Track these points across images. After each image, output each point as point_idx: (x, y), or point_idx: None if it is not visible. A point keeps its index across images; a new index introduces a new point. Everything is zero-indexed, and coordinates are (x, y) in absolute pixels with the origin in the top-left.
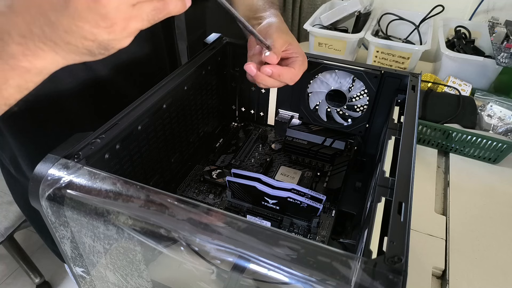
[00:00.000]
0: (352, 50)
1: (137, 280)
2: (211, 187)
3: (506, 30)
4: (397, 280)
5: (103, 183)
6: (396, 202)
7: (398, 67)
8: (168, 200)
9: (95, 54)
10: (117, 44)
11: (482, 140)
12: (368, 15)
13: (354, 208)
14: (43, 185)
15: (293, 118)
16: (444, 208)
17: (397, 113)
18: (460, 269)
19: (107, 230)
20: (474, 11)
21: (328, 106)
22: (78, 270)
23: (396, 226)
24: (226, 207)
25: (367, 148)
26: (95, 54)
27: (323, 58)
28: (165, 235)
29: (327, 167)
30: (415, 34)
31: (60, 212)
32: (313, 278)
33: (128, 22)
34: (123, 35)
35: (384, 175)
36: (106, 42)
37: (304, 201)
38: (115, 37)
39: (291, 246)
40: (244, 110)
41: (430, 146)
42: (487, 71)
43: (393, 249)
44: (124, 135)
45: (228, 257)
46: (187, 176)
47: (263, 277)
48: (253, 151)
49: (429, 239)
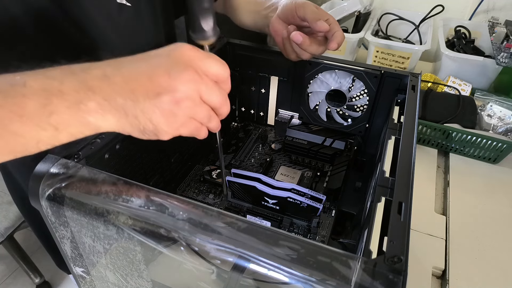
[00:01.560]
0: (352, 50)
1: (137, 280)
2: (211, 187)
3: (506, 30)
4: (397, 280)
5: (103, 183)
6: (396, 202)
7: (398, 67)
8: (168, 200)
9: (144, 134)
10: (164, 136)
11: (482, 140)
12: (368, 15)
13: (354, 208)
14: (43, 185)
15: (293, 118)
16: (444, 208)
17: (397, 113)
18: (460, 269)
19: (107, 230)
20: (474, 11)
21: (328, 106)
22: (78, 270)
23: (396, 226)
24: (226, 207)
25: (367, 148)
26: (144, 134)
27: (323, 58)
28: (165, 235)
29: (327, 167)
30: (415, 34)
31: (60, 212)
32: (313, 278)
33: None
34: (172, 131)
35: (384, 175)
36: (160, 131)
37: (304, 201)
38: (168, 130)
39: (291, 246)
40: (244, 110)
41: (430, 146)
42: (487, 71)
43: (393, 249)
44: (124, 135)
45: (228, 257)
46: (187, 176)
47: (263, 277)
48: (253, 151)
49: (429, 239)
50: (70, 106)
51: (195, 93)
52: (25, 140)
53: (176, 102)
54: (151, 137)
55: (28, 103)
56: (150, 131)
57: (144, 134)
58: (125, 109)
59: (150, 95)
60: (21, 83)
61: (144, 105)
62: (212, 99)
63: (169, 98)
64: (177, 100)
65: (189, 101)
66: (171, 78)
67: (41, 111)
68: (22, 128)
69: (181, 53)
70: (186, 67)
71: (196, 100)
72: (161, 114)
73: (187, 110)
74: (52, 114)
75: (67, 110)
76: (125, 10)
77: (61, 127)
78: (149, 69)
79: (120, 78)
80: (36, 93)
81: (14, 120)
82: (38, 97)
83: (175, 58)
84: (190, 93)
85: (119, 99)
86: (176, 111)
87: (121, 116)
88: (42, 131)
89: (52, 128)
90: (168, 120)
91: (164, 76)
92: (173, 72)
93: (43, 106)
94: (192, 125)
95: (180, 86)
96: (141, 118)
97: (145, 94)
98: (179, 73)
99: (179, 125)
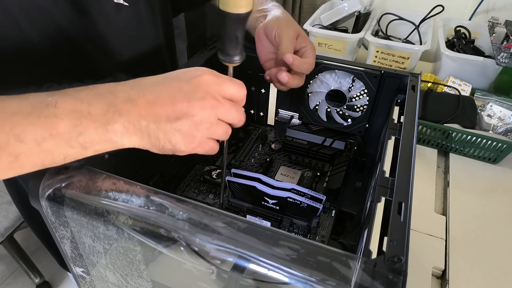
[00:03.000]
0: (352, 50)
1: (137, 280)
2: (211, 187)
3: (506, 30)
4: (397, 280)
5: (103, 183)
6: (396, 202)
7: (398, 67)
8: (168, 200)
9: (162, 152)
10: (180, 153)
11: (482, 140)
12: (368, 15)
13: (354, 208)
14: (43, 185)
15: (293, 118)
16: (444, 208)
17: (397, 113)
18: (460, 269)
19: (107, 230)
20: (474, 11)
21: (328, 106)
22: (78, 270)
23: (396, 226)
24: (226, 207)
25: (367, 148)
26: (163, 151)
27: (323, 58)
28: (165, 235)
29: (327, 167)
30: (415, 34)
31: (60, 212)
32: (313, 278)
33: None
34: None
35: (384, 175)
36: (178, 150)
37: (304, 201)
38: (186, 150)
39: (291, 246)
40: (244, 110)
41: (430, 146)
42: (487, 71)
43: (393, 249)
44: None
45: (228, 257)
46: (187, 176)
47: (263, 277)
48: (253, 151)
49: (429, 239)
50: (98, 128)
51: (213, 116)
52: (53, 156)
53: (195, 125)
54: (168, 153)
55: (60, 124)
56: (168, 150)
57: (162, 151)
58: (148, 131)
59: (171, 119)
60: (52, 103)
61: (165, 128)
62: (230, 118)
63: (188, 122)
64: (195, 124)
65: (207, 123)
66: (190, 105)
67: (72, 131)
68: (52, 145)
69: (201, 80)
70: (205, 94)
71: (213, 121)
72: (181, 136)
73: (205, 132)
74: (81, 134)
75: (94, 130)
76: (123, 10)
77: (88, 145)
78: (170, 94)
79: (144, 101)
80: (67, 114)
81: (46, 139)
82: (69, 119)
83: (195, 84)
84: (208, 117)
85: (143, 121)
86: (194, 133)
87: (143, 137)
88: (70, 148)
89: (80, 146)
90: (187, 141)
91: (184, 102)
92: (192, 98)
93: (74, 127)
94: (209, 144)
95: (199, 112)
96: (161, 139)
97: (166, 118)
98: (198, 100)
99: (196, 145)
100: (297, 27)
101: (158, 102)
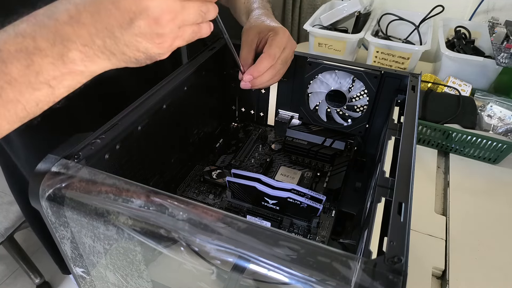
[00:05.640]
0: (352, 50)
1: (137, 280)
2: (211, 187)
3: (506, 30)
4: (397, 280)
5: (103, 183)
6: (396, 202)
7: (398, 67)
8: (168, 200)
9: (141, 63)
10: (161, 56)
11: (482, 140)
12: (368, 15)
13: (354, 208)
14: (43, 185)
15: (293, 118)
16: (444, 208)
17: (397, 113)
18: (460, 269)
19: (107, 230)
20: (474, 11)
21: (328, 106)
22: (78, 270)
23: (396, 226)
24: (226, 207)
25: (367, 148)
26: (141, 63)
27: (323, 59)
28: (165, 235)
29: (327, 167)
30: (415, 34)
31: (60, 212)
32: (313, 278)
33: (174, 41)
34: (168, 50)
35: (384, 175)
36: (154, 55)
37: (304, 201)
38: (162, 51)
39: (291, 247)
40: (244, 111)
41: (430, 146)
42: (487, 71)
43: (393, 250)
44: (124, 136)
45: (228, 257)
46: (187, 176)
47: (263, 278)
48: (253, 151)
49: (429, 239)
50: (54, 62)
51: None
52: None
53: (155, 21)
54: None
55: (11, 68)
56: (144, 59)
57: (140, 63)
58: (109, 49)
59: (124, 26)
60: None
61: (124, 39)
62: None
63: (144, 20)
64: (154, 19)
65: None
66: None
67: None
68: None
69: None
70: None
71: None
72: (146, 40)
73: (172, 24)
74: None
75: (52, 66)
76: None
77: (54, 83)
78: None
79: (88, 15)
80: (14, 55)
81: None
82: (18, 60)
83: None
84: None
85: (98, 41)
86: (159, 31)
87: (109, 57)
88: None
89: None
90: (156, 43)
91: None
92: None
93: (26, 68)
94: (187, 32)
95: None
96: (128, 52)
97: (119, 26)
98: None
99: (172, 42)
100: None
101: (102, 10)
